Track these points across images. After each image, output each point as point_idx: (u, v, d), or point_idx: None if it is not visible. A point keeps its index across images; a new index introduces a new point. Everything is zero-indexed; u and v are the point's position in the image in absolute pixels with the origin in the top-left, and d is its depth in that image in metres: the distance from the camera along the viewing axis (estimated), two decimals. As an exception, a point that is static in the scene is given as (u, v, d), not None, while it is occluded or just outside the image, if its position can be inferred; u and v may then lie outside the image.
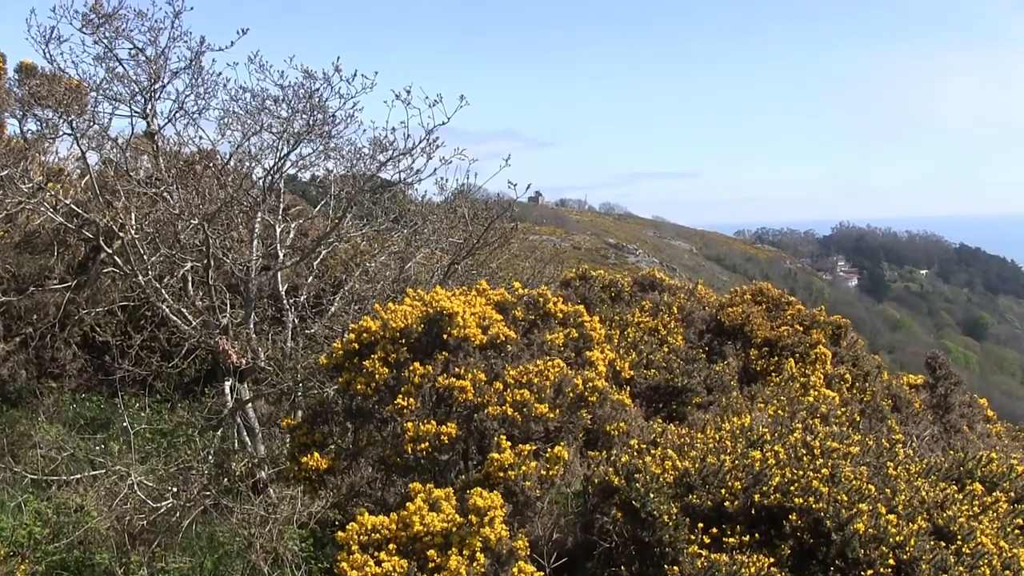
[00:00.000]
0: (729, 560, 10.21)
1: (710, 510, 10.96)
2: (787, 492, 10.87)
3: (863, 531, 10.52)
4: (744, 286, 20.55)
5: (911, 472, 12.37)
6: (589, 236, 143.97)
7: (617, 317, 17.42)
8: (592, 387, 12.17)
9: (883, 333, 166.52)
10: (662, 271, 23.90)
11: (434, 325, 12.34)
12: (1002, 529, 11.73)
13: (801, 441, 11.87)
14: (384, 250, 20.97)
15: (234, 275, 18.09)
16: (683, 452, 11.65)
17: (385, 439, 12.09)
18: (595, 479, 11.49)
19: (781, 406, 14.20)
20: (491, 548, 9.73)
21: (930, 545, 10.71)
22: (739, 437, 12.08)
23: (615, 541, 11.20)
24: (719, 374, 16.30)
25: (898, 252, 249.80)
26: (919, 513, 11.18)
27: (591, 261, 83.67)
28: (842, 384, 16.99)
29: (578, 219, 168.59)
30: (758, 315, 18.44)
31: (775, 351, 17.66)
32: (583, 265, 20.52)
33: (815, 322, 18.66)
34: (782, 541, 10.71)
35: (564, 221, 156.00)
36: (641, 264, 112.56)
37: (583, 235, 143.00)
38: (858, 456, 11.98)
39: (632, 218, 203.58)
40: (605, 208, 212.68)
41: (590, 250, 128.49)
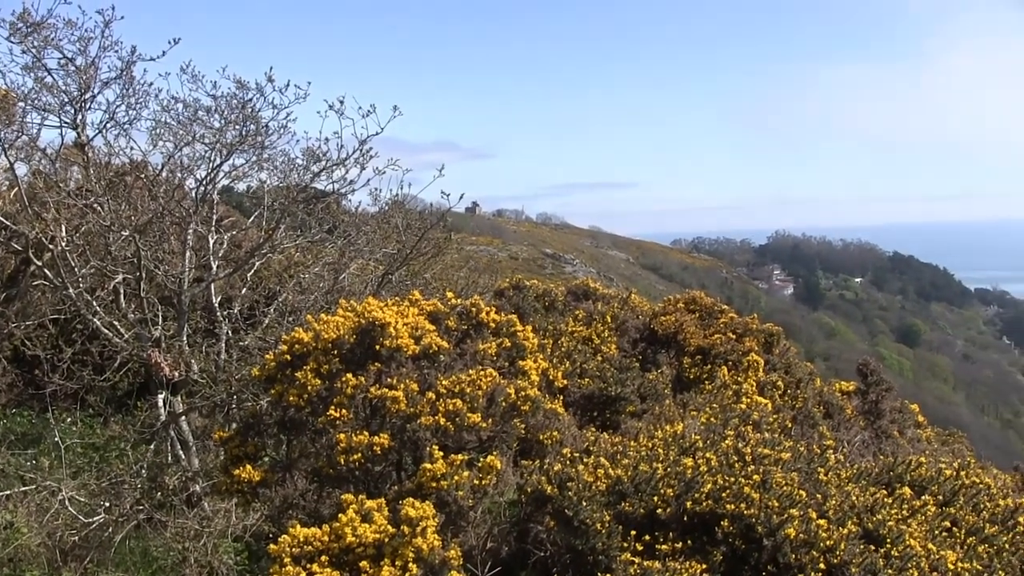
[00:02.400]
0: (662, 567, 10.25)
1: (643, 517, 11.00)
2: (719, 499, 10.94)
3: (794, 536, 10.60)
4: (677, 295, 20.67)
5: (842, 477, 12.48)
6: (526, 246, 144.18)
7: (551, 326, 17.48)
8: (525, 396, 12.17)
9: (818, 341, 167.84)
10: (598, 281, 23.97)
11: (366, 336, 12.30)
12: (931, 532, 11.88)
13: (733, 448, 11.94)
14: (318, 261, 20.89)
15: (166, 287, 17.95)
16: (616, 460, 11.69)
17: (318, 450, 12.04)
18: (528, 488, 11.51)
19: (714, 413, 14.28)
20: (423, 558, 9.70)
21: (860, 549, 10.82)
22: (672, 445, 12.14)
23: (549, 550, 11.23)
24: (652, 382, 16.38)
25: (833, 261, 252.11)
26: (849, 517, 11.28)
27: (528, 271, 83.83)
28: (775, 391, 17.12)
29: (515, 229, 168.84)
30: (691, 323, 18.55)
31: (708, 359, 17.78)
32: (517, 275, 20.55)
33: (748, 330, 18.79)
34: (714, 547, 10.77)
35: (501, 232, 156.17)
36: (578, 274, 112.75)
37: (520, 245, 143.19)
38: (789, 462, 12.06)
39: (569, 228, 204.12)
40: (542, 218, 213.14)
41: (527, 260, 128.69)
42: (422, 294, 14.39)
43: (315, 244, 20.58)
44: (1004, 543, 12.59)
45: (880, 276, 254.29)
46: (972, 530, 12.64)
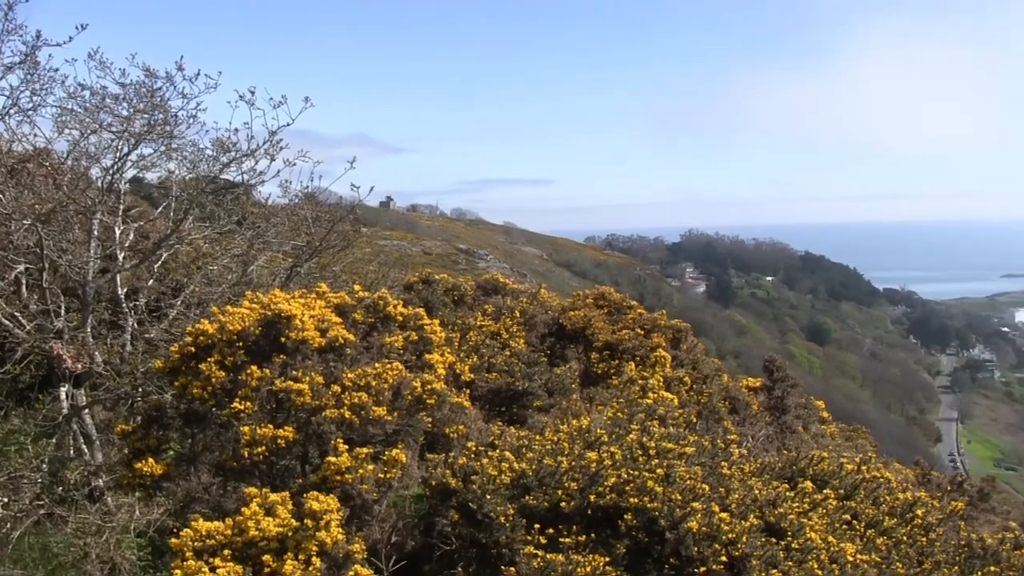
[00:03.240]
0: (565, 560, 10.26)
1: (547, 511, 11.02)
2: (622, 492, 10.98)
3: (696, 529, 10.67)
4: (587, 290, 20.69)
5: (745, 471, 12.60)
6: (440, 241, 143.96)
7: (459, 321, 17.46)
8: (431, 390, 12.15)
9: (730, 338, 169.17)
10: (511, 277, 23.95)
11: (272, 328, 12.23)
12: (831, 525, 12.06)
13: (637, 442, 11.99)
14: (226, 253, 20.68)
15: (70, 278, 17.67)
16: (521, 454, 11.70)
17: (223, 444, 11.97)
18: (433, 481, 11.50)
19: (620, 408, 14.32)
20: (327, 552, 9.65)
21: (761, 541, 10.93)
22: (577, 439, 12.17)
23: (454, 543, 11.20)
24: (560, 377, 16.40)
25: (745, 259, 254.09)
26: (751, 511, 11.39)
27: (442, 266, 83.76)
28: (681, 386, 17.18)
29: (429, 224, 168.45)
30: (599, 319, 18.58)
31: (616, 354, 17.82)
32: (427, 270, 20.49)
33: (656, 326, 18.86)
34: (617, 540, 10.81)
35: (415, 226, 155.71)
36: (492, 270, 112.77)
37: (434, 240, 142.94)
38: (693, 456, 12.15)
39: (483, 224, 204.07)
40: (456, 214, 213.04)
41: (441, 255, 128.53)
42: (330, 287, 14.31)
43: (224, 236, 20.38)
44: (902, 535, 12.81)
45: (791, 275, 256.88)
46: (872, 523, 12.85)
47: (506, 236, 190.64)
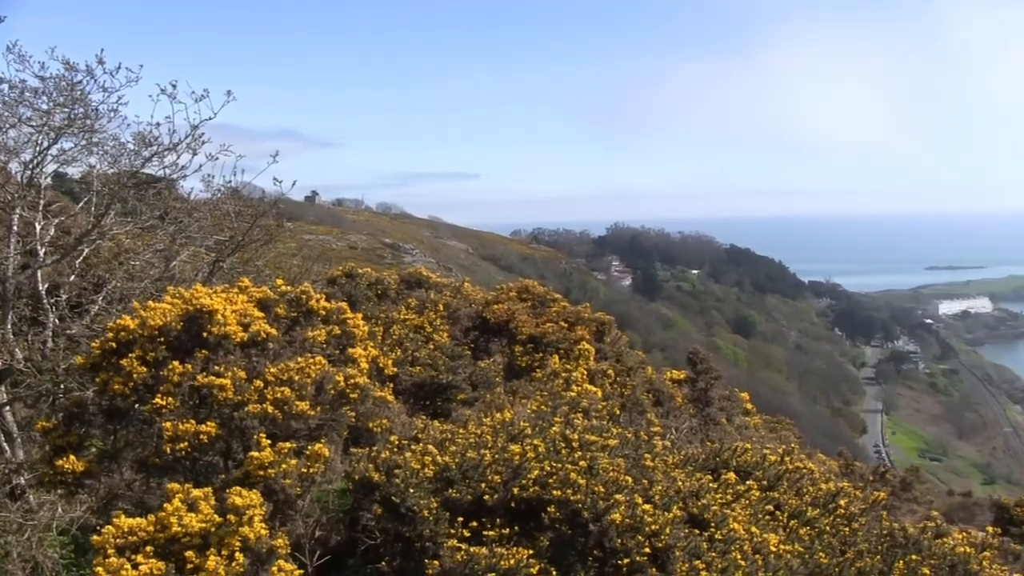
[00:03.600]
0: (488, 553, 10.28)
1: (470, 504, 11.03)
2: (545, 485, 11.01)
3: (620, 521, 10.71)
4: (511, 283, 20.73)
5: (668, 463, 12.66)
6: (366, 236, 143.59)
7: (383, 314, 17.44)
8: (354, 384, 12.13)
9: (656, 331, 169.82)
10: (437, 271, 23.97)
11: (194, 323, 12.17)
12: (754, 516, 12.14)
13: (560, 435, 12.02)
14: (148, 248, 20.53)
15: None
16: (444, 447, 11.71)
17: (145, 440, 11.90)
18: (356, 476, 11.48)
19: (544, 401, 14.37)
20: (250, 547, 9.62)
21: (685, 533, 10.99)
22: (500, 432, 12.18)
23: (378, 537, 11.19)
24: (484, 370, 16.43)
25: (671, 252, 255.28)
26: (675, 502, 11.45)
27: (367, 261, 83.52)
28: (605, 379, 17.23)
29: (355, 219, 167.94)
30: (523, 312, 18.62)
31: (540, 347, 17.87)
32: (350, 264, 20.44)
33: (580, 319, 18.93)
34: (541, 533, 10.83)
35: (341, 221, 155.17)
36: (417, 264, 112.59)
37: (360, 235, 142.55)
38: (616, 448, 12.19)
39: (409, 218, 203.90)
40: (382, 208, 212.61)
41: (366, 250, 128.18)
42: (253, 282, 14.25)
43: (146, 231, 20.21)
44: (825, 525, 12.92)
45: (717, 268, 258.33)
46: (795, 513, 12.95)
47: (432, 230, 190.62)
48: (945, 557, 12.72)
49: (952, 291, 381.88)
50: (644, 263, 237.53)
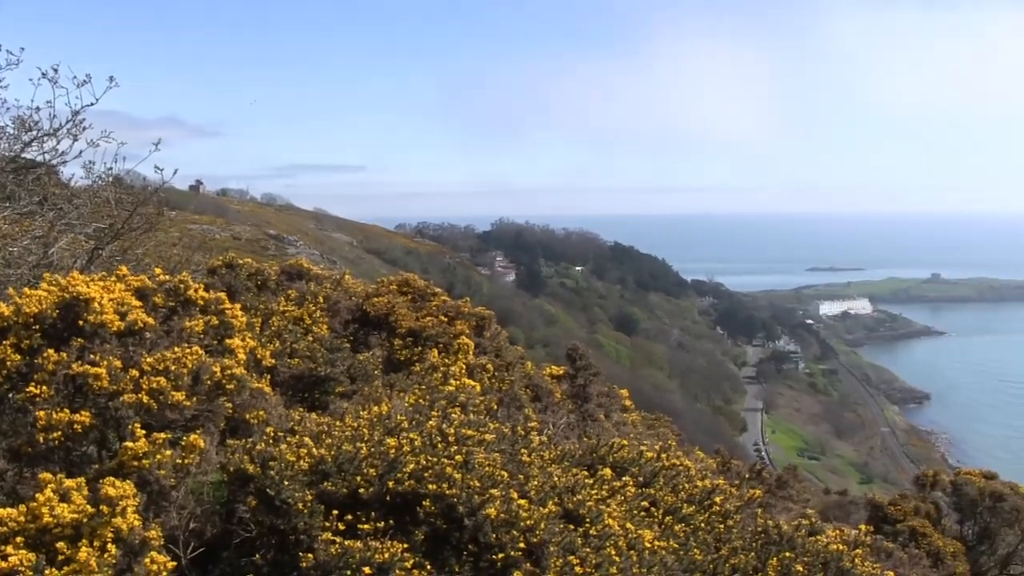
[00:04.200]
0: (363, 546, 10.27)
1: (345, 497, 11.01)
2: (421, 478, 11.02)
3: (495, 516, 10.74)
4: (391, 276, 20.74)
5: (545, 458, 12.73)
6: (250, 226, 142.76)
7: (263, 306, 17.35)
8: (231, 375, 12.09)
9: (539, 327, 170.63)
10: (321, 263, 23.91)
11: (70, 311, 12.04)
12: (629, 512, 12.26)
13: (437, 429, 12.03)
14: (26, 234, 20.26)
15: None
16: (320, 440, 11.67)
17: (18, 429, 11.74)
18: (231, 467, 11.41)
19: (422, 395, 14.36)
20: (123, 539, 9.52)
21: (560, 528, 11.06)
22: (377, 425, 12.17)
23: (253, 530, 11.15)
24: (363, 363, 16.40)
25: (555, 249, 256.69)
26: (551, 498, 11.52)
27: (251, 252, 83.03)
28: (484, 374, 17.28)
29: (239, 209, 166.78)
30: (403, 305, 18.63)
31: (419, 341, 17.88)
32: (231, 253, 20.32)
33: (459, 313, 18.98)
34: (416, 527, 10.84)
35: (225, 211, 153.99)
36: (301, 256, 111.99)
37: (244, 225, 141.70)
38: (493, 443, 12.22)
39: (293, 210, 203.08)
40: (267, 199, 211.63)
41: (250, 240, 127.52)
42: (132, 270, 14.14)
43: (24, 216, 19.96)
44: (700, 522, 13.09)
45: (601, 265, 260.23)
46: (670, 510, 13.10)
47: (317, 222, 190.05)
48: (818, 554, 12.95)
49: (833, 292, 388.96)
50: (528, 259, 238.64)
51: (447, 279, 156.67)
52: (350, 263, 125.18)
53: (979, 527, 30.77)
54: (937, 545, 27.09)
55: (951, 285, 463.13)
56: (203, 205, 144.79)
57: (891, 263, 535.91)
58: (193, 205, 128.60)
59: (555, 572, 10.62)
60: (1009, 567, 30.28)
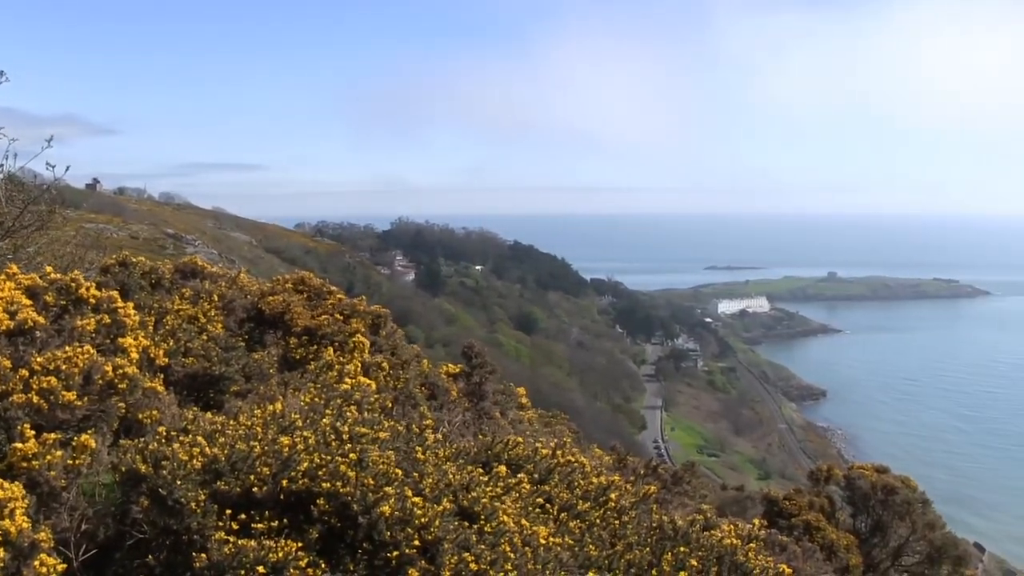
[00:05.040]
0: (257, 546, 10.22)
1: (239, 496, 10.94)
2: (315, 477, 10.97)
3: (389, 514, 10.72)
4: (287, 274, 20.64)
5: (440, 456, 12.72)
6: (148, 225, 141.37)
7: (157, 304, 17.18)
8: (123, 374, 11.99)
9: (439, 327, 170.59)
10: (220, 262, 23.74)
11: (-43, 311, 11.90)
12: (524, 508, 12.26)
13: (331, 427, 11.98)
14: (-87, 232, 19.98)
15: None
16: (214, 439, 11.58)
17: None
18: (123, 467, 11.30)
19: (317, 393, 14.29)
20: (11, 541, 9.40)
21: (454, 525, 11.04)
22: (271, 424, 12.11)
23: (147, 530, 11.05)
24: (258, 362, 16.31)
25: (455, 248, 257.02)
26: (445, 495, 11.50)
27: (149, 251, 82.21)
28: (379, 372, 17.25)
29: (137, 208, 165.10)
30: (299, 304, 18.54)
31: (315, 339, 17.80)
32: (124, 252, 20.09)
33: (355, 311, 18.93)
34: (310, 525, 10.79)
35: (122, 209, 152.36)
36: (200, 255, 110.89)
37: (142, 224, 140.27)
38: (388, 441, 12.20)
39: (192, 209, 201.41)
40: (165, 198, 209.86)
41: (148, 240, 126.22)
42: (23, 269, 13.97)
43: (-89, 213, 19.66)
44: (595, 518, 13.13)
45: (501, 264, 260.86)
46: (565, 506, 13.12)
47: (215, 221, 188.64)
48: (712, 549, 13.04)
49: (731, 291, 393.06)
50: (428, 258, 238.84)
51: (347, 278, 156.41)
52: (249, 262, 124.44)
53: (872, 520, 31.25)
54: (831, 538, 27.46)
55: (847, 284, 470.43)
56: (100, 204, 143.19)
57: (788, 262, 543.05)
58: (89, 203, 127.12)
59: (450, 569, 10.61)
60: (901, 559, 30.80)
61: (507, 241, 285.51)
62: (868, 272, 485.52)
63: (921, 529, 30.60)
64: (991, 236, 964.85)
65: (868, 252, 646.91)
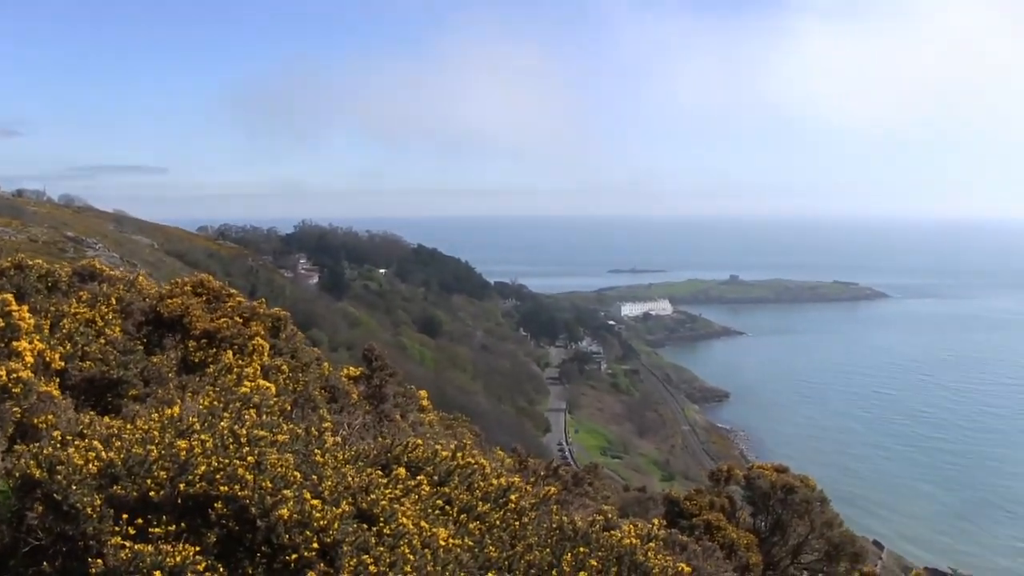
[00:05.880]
0: (154, 550, 10.14)
1: (136, 501, 10.85)
2: (213, 480, 10.91)
3: (288, 517, 10.69)
4: (186, 277, 20.48)
5: (339, 459, 12.70)
6: (47, 228, 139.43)
7: (53, 308, 16.99)
8: (17, 379, 11.85)
9: (343, 330, 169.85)
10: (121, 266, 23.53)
11: None
12: (424, 510, 12.30)
13: (229, 430, 11.93)
14: None
15: None
16: (110, 443, 11.49)
17: None
18: (17, 473, 11.17)
19: (216, 397, 14.21)
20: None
21: (353, 528, 11.04)
22: (169, 427, 12.02)
23: (42, 537, 10.92)
24: (157, 366, 16.18)
25: (359, 251, 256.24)
26: (344, 498, 11.50)
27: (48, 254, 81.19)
28: (279, 375, 17.18)
29: (36, 211, 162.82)
30: (198, 307, 18.41)
31: (214, 342, 17.69)
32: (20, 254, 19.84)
33: (255, 314, 18.84)
34: (209, 529, 10.73)
35: (21, 212, 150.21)
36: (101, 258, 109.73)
37: (41, 227, 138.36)
38: (286, 444, 12.16)
39: (93, 211, 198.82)
40: (65, 200, 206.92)
41: (48, 243, 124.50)
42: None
43: None
44: (495, 520, 13.17)
45: (405, 268, 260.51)
46: (465, 508, 13.16)
47: (117, 224, 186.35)
48: (612, 549, 13.14)
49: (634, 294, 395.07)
50: (332, 262, 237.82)
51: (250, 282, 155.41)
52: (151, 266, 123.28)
53: (772, 519, 31.61)
54: (731, 537, 27.72)
55: (748, 286, 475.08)
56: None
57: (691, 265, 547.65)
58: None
59: (349, 572, 10.60)
60: (800, 556, 31.16)
61: (411, 244, 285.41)
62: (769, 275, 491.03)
63: (820, 527, 31.00)
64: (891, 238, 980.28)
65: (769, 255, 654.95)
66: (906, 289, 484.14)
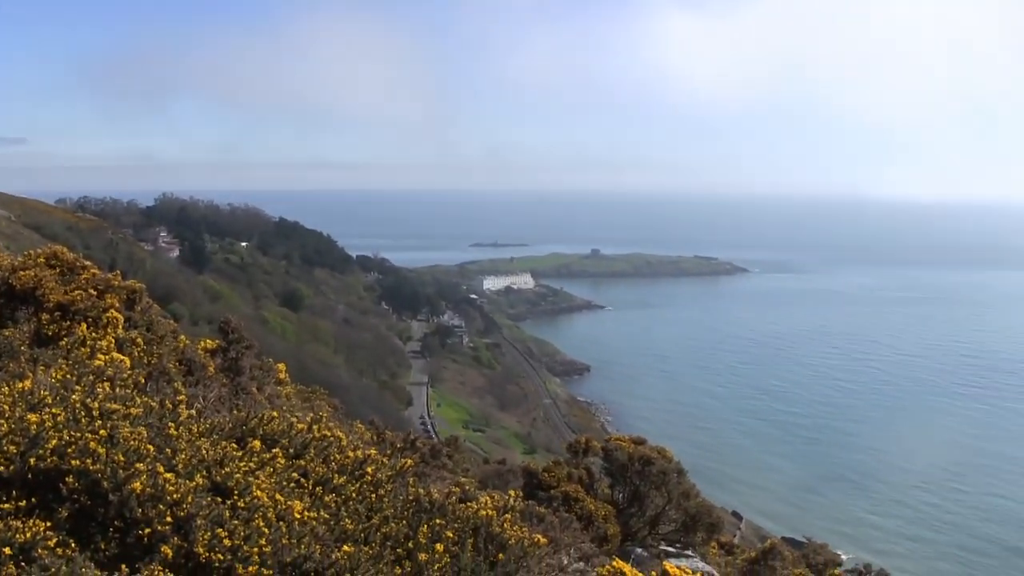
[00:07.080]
0: (3, 526, 9.99)
1: (-15, 476, 10.72)
2: (64, 454, 10.79)
3: (141, 490, 10.61)
4: (39, 249, 20.19)
5: (193, 432, 12.63)
6: None
7: None
8: None
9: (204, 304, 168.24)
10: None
11: None
12: (279, 483, 12.26)
13: (81, 404, 11.81)
14: None
15: None
16: (-42, 418, 11.34)
17: None
18: None
19: (69, 370, 14.05)
20: None
21: (207, 501, 10.99)
22: (19, 401, 11.86)
23: None
24: (8, 339, 15.94)
25: (220, 224, 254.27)
26: (198, 471, 11.44)
27: None
28: (134, 348, 17.01)
29: None
30: (51, 279, 18.16)
31: (68, 315, 17.47)
32: None
33: (110, 287, 18.62)
34: (60, 504, 10.61)
35: None
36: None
37: None
38: (140, 418, 12.07)
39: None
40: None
41: None
42: None
43: None
44: (352, 492, 13.19)
45: (266, 241, 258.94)
46: (321, 480, 13.15)
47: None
48: (468, 520, 13.22)
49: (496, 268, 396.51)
50: (193, 235, 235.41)
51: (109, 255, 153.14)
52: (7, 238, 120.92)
53: (630, 490, 31.98)
54: (589, 508, 28.00)
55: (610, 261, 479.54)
56: None
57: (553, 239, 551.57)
58: None
59: (203, 545, 10.54)
60: (658, 527, 31.57)
61: (273, 217, 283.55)
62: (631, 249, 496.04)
63: (677, 498, 31.41)
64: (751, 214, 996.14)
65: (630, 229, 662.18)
66: (766, 264, 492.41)
